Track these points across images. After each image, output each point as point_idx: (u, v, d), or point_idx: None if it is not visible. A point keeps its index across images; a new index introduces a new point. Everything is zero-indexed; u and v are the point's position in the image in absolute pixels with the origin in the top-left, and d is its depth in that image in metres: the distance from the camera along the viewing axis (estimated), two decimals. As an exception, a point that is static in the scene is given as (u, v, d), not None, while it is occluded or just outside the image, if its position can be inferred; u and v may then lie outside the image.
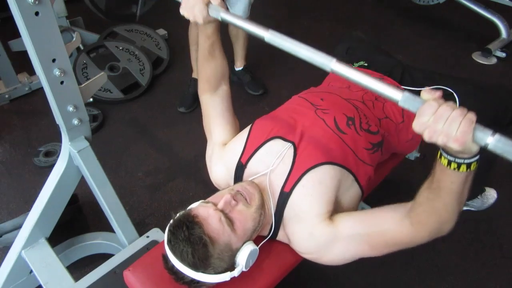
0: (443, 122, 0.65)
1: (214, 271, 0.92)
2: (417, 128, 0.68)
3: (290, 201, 1.01)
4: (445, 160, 0.73)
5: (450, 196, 0.79)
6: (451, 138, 0.65)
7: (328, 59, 0.83)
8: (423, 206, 0.84)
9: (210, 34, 1.11)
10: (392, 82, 1.32)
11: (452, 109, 0.65)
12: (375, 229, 0.93)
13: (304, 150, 1.05)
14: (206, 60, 1.17)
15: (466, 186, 0.78)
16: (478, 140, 0.65)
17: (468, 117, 0.65)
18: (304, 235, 0.99)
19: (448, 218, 0.83)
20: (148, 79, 2.62)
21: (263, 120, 1.18)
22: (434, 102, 0.67)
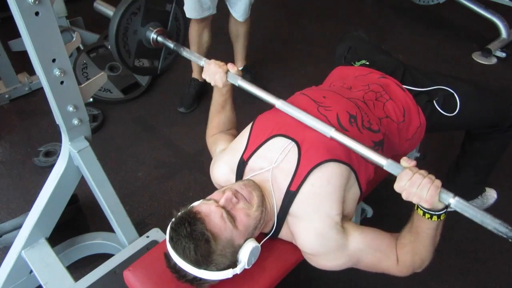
0: (416, 187, 0.85)
1: (216, 268, 0.92)
2: (397, 189, 0.88)
3: (298, 200, 1.01)
4: (420, 211, 0.91)
5: (427, 239, 0.96)
6: (422, 199, 0.85)
7: (328, 128, 1.01)
8: (407, 247, 1.00)
9: (225, 92, 1.27)
10: (394, 81, 1.32)
11: (423, 177, 0.85)
12: (376, 255, 1.02)
13: (309, 148, 1.04)
14: (217, 112, 1.33)
15: (438, 230, 0.96)
16: (443, 200, 0.86)
17: (435, 184, 0.84)
18: (312, 234, 0.99)
19: (426, 256, 0.99)
20: (148, 79, 2.62)
21: (265, 117, 1.18)
22: (409, 170, 0.87)
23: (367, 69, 1.39)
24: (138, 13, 1.20)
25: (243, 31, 2.37)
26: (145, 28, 1.25)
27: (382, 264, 1.02)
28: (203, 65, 1.25)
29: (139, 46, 1.27)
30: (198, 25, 2.21)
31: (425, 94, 1.31)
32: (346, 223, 1.03)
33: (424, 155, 1.78)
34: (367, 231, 1.03)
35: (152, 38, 1.27)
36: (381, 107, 1.23)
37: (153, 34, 1.26)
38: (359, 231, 1.01)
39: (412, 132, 1.29)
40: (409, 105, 1.28)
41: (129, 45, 1.24)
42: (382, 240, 1.03)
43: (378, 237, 1.03)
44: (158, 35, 1.27)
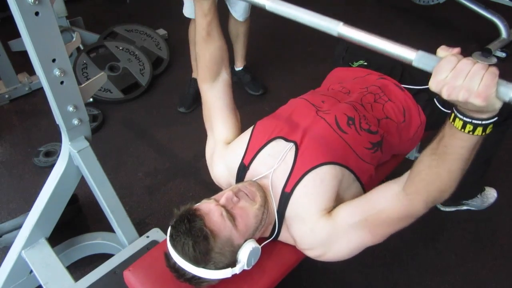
0: (464, 77, 0.61)
1: (215, 267, 0.92)
2: (434, 86, 0.65)
3: (292, 201, 1.01)
4: (459, 122, 0.69)
5: (456, 162, 0.76)
6: (473, 93, 0.61)
7: (334, 23, 0.78)
8: (422, 175, 0.82)
9: (207, 10, 1.07)
10: (393, 81, 1.32)
11: (473, 63, 0.61)
12: (371, 212, 0.92)
13: (305, 150, 1.05)
14: (204, 42, 1.13)
15: (474, 152, 0.74)
16: (502, 95, 0.60)
17: (490, 70, 0.61)
18: (306, 232, 1.00)
19: (449, 186, 0.80)
20: (148, 79, 2.62)
21: (264, 121, 1.18)
22: (452, 57, 0.63)
23: (365, 70, 1.40)
24: None
25: (243, 31, 2.37)
26: None
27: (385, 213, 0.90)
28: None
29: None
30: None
31: (425, 93, 1.31)
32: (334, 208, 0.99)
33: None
34: (354, 200, 0.98)
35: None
36: (380, 109, 1.23)
37: None
38: (344, 206, 0.98)
39: (413, 132, 1.29)
40: (409, 105, 1.28)
41: None
42: (373, 194, 0.94)
43: (367, 195, 0.96)
44: None
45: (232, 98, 1.21)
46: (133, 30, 2.87)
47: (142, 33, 2.88)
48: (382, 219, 0.91)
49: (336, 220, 0.96)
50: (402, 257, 1.65)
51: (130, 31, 2.86)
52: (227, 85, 1.19)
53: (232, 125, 1.19)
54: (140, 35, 2.86)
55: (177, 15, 2.24)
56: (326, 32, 0.79)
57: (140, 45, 2.77)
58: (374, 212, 0.91)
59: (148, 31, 2.90)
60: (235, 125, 1.20)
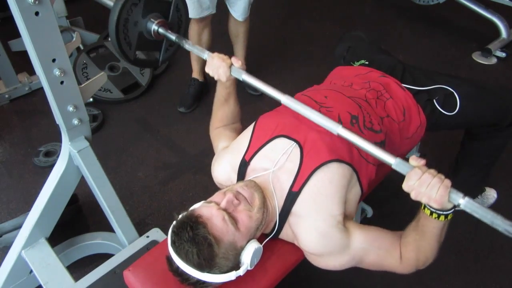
0: (426, 187, 0.83)
1: (219, 271, 0.92)
2: (406, 188, 0.85)
3: (300, 200, 1.01)
4: (428, 211, 0.90)
5: (432, 238, 0.96)
6: (432, 199, 0.83)
7: (335, 125, 0.97)
8: (411, 246, 0.99)
9: (228, 86, 1.26)
10: (394, 80, 1.32)
11: (433, 177, 0.82)
12: (379, 253, 1.02)
13: (311, 149, 1.04)
14: (221, 105, 1.31)
15: (445, 229, 0.96)
16: (452, 201, 0.83)
17: (444, 184, 0.82)
18: (315, 234, 0.99)
19: (431, 254, 0.99)
20: (148, 79, 2.62)
21: (266, 117, 1.18)
22: (419, 169, 0.84)
23: (367, 68, 1.39)
24: (139, 3, 1.16)
25: (243, 30, 2.37)
26: (146, 19, 1.20)
27: (385, 262, 1.02)
28: (206, 59, 1.21)
29: (140, 38, 1.22)
30: (198, 25, 2.21)
31: (425, 93, 1.31)
32: (348, 222, 1.03)
33: (424, 155, 1.78)
34: (370, 230, 1.03)
35: (153, 30, 1.22)
36: (382, 106, 1.23)
37: (154, 26, 1.21)
38: (361, 230, 1.02)
39: (412, 131, 1.29)
40: (409, 104, 1.28)
41: (129, 37, 1.19)
42: (384, 239, 1.02)
43: (380, 235, 1.03)
44: (159, 27, 1.21)
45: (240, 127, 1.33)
46: (133, 30, 2.87)
47: (142, 33, 2.88)
48: (379, 264, 1.04)
49: (351, 239, 1.00)
50: (402, 257, 1.65)
51: (130, 31, 2.86)
52: (237, 130, 1.31)
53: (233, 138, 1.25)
54: (140, 35, 2.86)
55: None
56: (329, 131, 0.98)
57: (140, 45, 2.77)
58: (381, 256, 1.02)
59: (148, 31, 2.90)
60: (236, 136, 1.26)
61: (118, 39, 1.18)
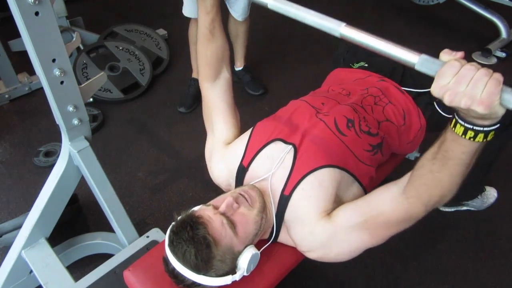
0: (467, 83, 0.60)
1: (215, 274, 0.91)
2: (436, 91, 0.63)
3: (291, 204, 1.01)
4: (461, 128, 0.67)
5: (458, 167, 0.75)
6: (476, 101, 0.60)
7: (337, 24, 0.78)
8: (423, 179, 0.81)
9: (210, 8, 1.06)
10: (393, 84, 1.32)
11: (477, 69, 0.60)
12: (370, 214, 0.91)
13: (304, 153, 1.04)
14: (206, 40, 1.12)
15: (475, 157, 0.73)
16: (506, 103, 0.59)
17: (495, 77, 0.59)
18: (305, 235, 0.99)
19: (449, 190, 0.80)
20: (148, 79, 2.62)
21: (264, 122, 1.18)
22: (456, 62, 0.61)
23: (366, 72, 1.39)
24: None
25: (243, 30, 2.37)
26: None
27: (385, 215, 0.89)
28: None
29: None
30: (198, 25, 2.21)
31: (425, 96, 1.31)
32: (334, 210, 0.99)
33: (424, 155, 1.78)
34: (354, 201, 0.98)
35: None
36: (380, 111, 1.23)
37: None
38: (343, 207, 0.97)
39: (413, 135, 1.28)
40: (409, 108, 1.28)
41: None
42: (373, 196, 0.93)
43: (367, 197, 0.95)
44: None
45: (233, 97, 1.21)
46: (133, 30, 2.87)
47: (142, 33, 2.88)
48: (381, 221, 0.90)
49: (336, 222, 0.95)
50: (402, 257, 1.65)
51: (130, 31, 2.86)
52: (228, 84, 1.18)
53: (232, 125, 1.19)
54: (140, 35, 2.86)
55: (177, 15, 2.24)
56: (328, 32, 0.79)
57: (140, 45, 2.77)
58: (374, 214, 0.91)
59: (148, 31, 2.90)
60: (235, 125, 1.20)
61: None
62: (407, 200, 0.85)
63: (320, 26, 0.80)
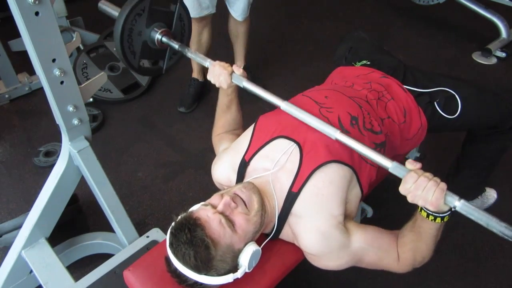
0: (422, 190, 0.84)
1: (216, 273, 0.92)
2: (402, 191, 0.87)
3: (300, 200, 1.01)
4: (424, 213, 0.91)
5: (429, 238, 0.97)
6: (428, 202, 0.85)
7: (333, 130, 1.00)
8: (408, 246, 1.01)
9: (230, 93, 1.27)
10: (396, 81, 1.32)
11: (429, 180, 0.84)
12: (377, 253, 1.02)
13: (311, 150, 1.04)
14: (223, 112, 1.33)
15: (440, 230, 0.96)
16: (448, 203, 0.85)
17: (440, 187, 0.84)
18: (315, 234, 0.99)
19: (427, 254, 1.01)
20: (148, 79, 2.62)
21: (266, 118, 1.18)
22: (415, 173, 0.86)
23: (368, 68, 1.39)
24: (143, 14, 1.19)
25: (243, 30, 2.37)
26: (149, 28, 1.23)
27: (383, 262, 1.03)
28: (207, 66, 1.25)
29: (144, 46, 1.26)
30: (198, 25, 2.21)
31: (426, 95, 1.31)
32: (348, 222, 1.03)
33: (424, 155, 1.78)
34: (369, 230, 1.03)
35: (157, 39, 1.25)
36: (383, 107, 1.23)
37: (157, 35, 1.24)
38: (361, 230, 1.02)
39: (413, 133, 1.28)
40: (410, 106, 1.28)
41: (134, 46, 1.23)
42: (383, 239, 1.03)
43: (379, 235, 1.03)
44: (163, 36, 1.25)
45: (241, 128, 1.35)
46: (133, 30, 2.87)
47: (142, 33, 2.88)
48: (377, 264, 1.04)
49: (351, 239, 1.01)
50: (402, 257, 1.65)
51: (130, 31, 2.85)
52: (237, 135, 1.28)
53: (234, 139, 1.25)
54: (140, 35, 2.86)
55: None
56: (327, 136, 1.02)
57: (140, 45, 2.77)
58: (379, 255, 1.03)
59: (148, 31, 2.90)
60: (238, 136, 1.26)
61: (122, 49, 1.21)
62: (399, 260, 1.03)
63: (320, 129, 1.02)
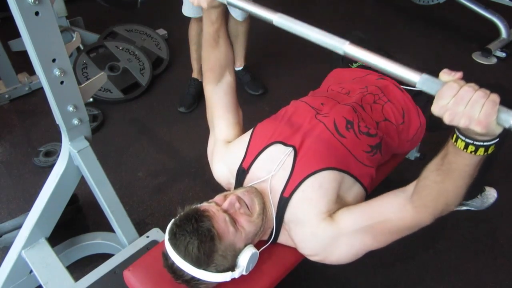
0: (465, 104, 0.63)
1: (216, 269, 0.92)
2: (437, 111, 0.66)
3: (290, 205, 1.02)
4: (462, 143, 0.71)
5: (462, 178, 0.78)
6: (474, 121, 0.63)
7: (341, 42, 0.79)
8: (429, 189, 0.83)
9: (215, 19, 1.08)
10: (392, 82, 1.32)
11: (474, 91, 0.63)
12: (376, 219, 0.92)
13: (304, 156, 1.05)
14: (210, 47, 1.15)
15: (478, 168, 0.76)
16: (502, 122, 0.63)
17: (491, 98, 0.62)
18: (307, 236, 1.00)
19: (455, 199, 0.83)
20: (148, 79, 2.62)
21: (264, 124, 1.18)
22: (454, 83, 0.64)
23: (365, 70, 1.39)
24: None
25: (243, 30, 2.37)
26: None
27: (391, 223, 0.91)
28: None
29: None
30: (198, 24, 2.21)
31: (424, 94, 1.30)
32: (337, 211, 0.99)
33: (424, 155, 1.78)
34: (359, 205, 0.99)
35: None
36: (379, 110, 1.23)
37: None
38: (348, 210, 0.98)
39: (412, 133, 1.28)
40: (408, 106, 1.28)
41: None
42: (380, 201, 0.94)
43: (373, 202, 0.95)
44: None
45: (236, 98, 1.22)
46: (133, 30, 2.87)
47: (142, 33, 2.88)
48: (388, 228, 0.92)
49: (340, 225, 0.96)
50: (402, 257, 1.65)
51: (130, 31, 2.86)
52: (230, 87, 1.20)
53: (233, 124, 1.20)
54: (140, 35, 2.86)
55: (177, 15, 2.24)
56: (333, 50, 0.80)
57: (140, 45, 2.77)
58: (381, 219, 0.92)
59: (148, 31, 2.90)
60: (237, 125, 1.21)
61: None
62: (414, 209, 0.87)
63: (324, 44, 0.82)
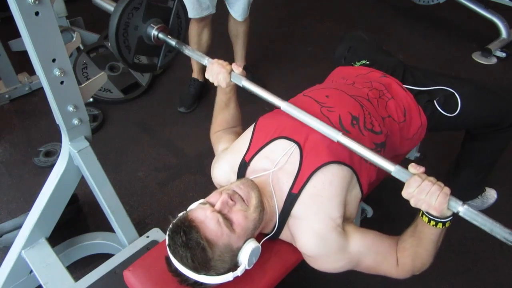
0: (425, 194, 0.84)
1: (216, 273, 0.92)
2: (405, 195, 0.87)
3: (300, 201, 1.01)
4: (426, 218, 0.92)
5: (430, 244, 0.97)
6: (431, 207, 0.85)
7: (335, 132, 0.98)
8: (408, 251, 1.00)
9: (228, 91, 1.25)
10: (395, 80, 1.32)
11: (432, 184, 0.84)
12: (376, 258, 1.02)
13: (311, 150, 1.04)
14: (221, 110, 1.32)
15: (442, 236, 0.96)
16: (452, 208, 0.85)
17: (444, 191, 0.84)
18: (313, 236, 0.99)
19: (427, 260, 1.00)
20: (148, 79, 2.62)
21: (266, 118, 1.18)
22: (418, 177, 0.86)
23: (368, 68, 1.39)
24: (140, 8, 1.17)
25: (243, 30, 2.37)
26: (146, 24, 1.21)
27: (381, 267, 1.03)
28: (206, 64, 1.22)
29: (139, 42, 1.24)
30: (198, 25, 2.21)
31: (425, 94, 1.31)
32: (347, 225, 1.03)
33: (424, 155, 1.78)
34: (368, 234, 1.03)
35: (153, 35, 1.23)
36: (383, 106, 1.23)
37: (154, 31, 1.22)
38: (360, 234, 1.01)
39: (413, 132, 1.28)
40: (410, 105, 1.28)
41: (129, 40, 1.21)
42: (382, 243, 1.03)
43: (378, 240, 1.03)
44: (159, 32, 1.23)
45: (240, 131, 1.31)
46: (133, 30, 2.87)
47: (142, 33, 2.88)
48: (375, 269, 1.05)
49: (349, 242, 1.00)
50: (402, 257, 1.65)
51: (130, 31, 2.86)
52: (235, 133, 1.30)
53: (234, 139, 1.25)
54: (140, 35, 2.86)
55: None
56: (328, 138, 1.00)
57: (140, 45, 2.77)
58: (377, 260, 1.03)
59: (148, 31, 2.90)
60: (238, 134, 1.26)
61: (117, 43, 1.19)
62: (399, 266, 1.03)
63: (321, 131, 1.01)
